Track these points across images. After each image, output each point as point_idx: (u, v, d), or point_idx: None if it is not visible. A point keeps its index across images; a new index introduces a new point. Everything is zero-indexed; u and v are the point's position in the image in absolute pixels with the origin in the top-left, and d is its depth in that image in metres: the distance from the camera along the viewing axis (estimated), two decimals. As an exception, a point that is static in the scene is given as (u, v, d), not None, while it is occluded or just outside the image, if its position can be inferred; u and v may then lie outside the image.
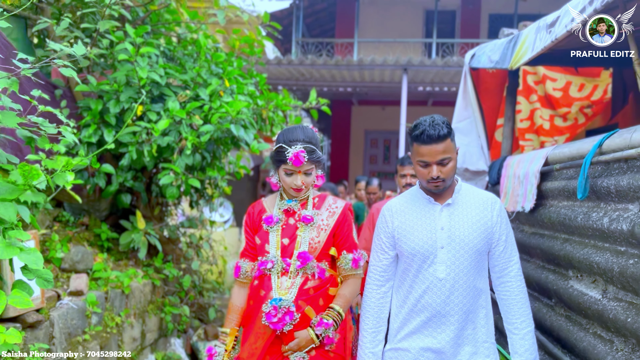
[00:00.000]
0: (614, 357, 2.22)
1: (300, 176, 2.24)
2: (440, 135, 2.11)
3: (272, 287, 2.25)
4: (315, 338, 2.21)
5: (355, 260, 2.35)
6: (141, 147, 3.62)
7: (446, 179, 2.18)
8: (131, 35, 3.73)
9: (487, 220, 2.23)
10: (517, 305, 2.24)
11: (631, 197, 2.32)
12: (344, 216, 2.36)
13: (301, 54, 13.14)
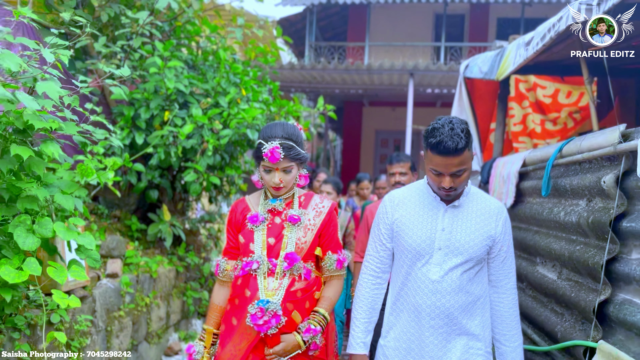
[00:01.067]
0: (563, 326, 2.68)
1: (278, 173, 2.17)
2: (458, 148, 1.94)
3: (258, 288, 2.18)
4: (302, 344, 2.16)
5: (339, 262, 2.30)
6: (168, 149, 4.13)
7: (458, 189, 2.07)
8: (160, 49, 4.25)
9: (491, 228, 2.13)
10: (510, 319, 2.19)
11: (580, 194, 2.77)
12: (330, 216, 2.30)
13: (314, 57, 13.63)
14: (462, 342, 2.11)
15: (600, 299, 2.33)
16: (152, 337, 4.43)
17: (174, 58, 4.52)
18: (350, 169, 14.56)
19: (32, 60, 2.50)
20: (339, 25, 15.88)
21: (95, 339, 3.52)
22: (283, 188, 2.23)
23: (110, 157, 3.58)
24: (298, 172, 2.27)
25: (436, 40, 13.81)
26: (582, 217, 2.64)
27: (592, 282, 2.50)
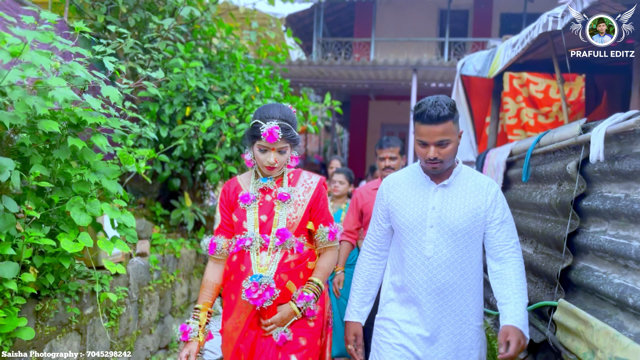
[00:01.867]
0: (535, 292, 3.11)
1: (273, 153, 2.21)
2: (440, 116, 2.06)
3: (251, 264, 2.25)
4: (297, 311, 2.22)
5: (331, 233, 2.36)
6: (190, 142, 4.59)
7: (444, 161, 2.16)
8: (181, 51, 4.69)
9: (481, 204, 2.21)
10: (515, 284, 2.16)
11: (553, 179, 3.19)
12: (319, 191, 2.36)
13: (321, 52, 14.04)
14: (455, 316, 2.19)
15: (562, 266, 2.76)
16: (176, 311, 4.90)
17: (194, 59, 4.96)
18: (356, 161, 14.98)
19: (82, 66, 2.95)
20: (346, 20, 16.25)
21: (129, 309, 3.99)
22: (276, 168, 2.27)
23: (139, 149, 4.04)
24: (290, 154, 2.31)
25: (441, 35, 14.16)
26: (552, 198, 3.07)
27: (559, 253, 2.93)
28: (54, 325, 3.09)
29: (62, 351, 3.19)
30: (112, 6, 4.73)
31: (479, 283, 2.26)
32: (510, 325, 2.08)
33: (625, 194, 2.40)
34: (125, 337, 3.96)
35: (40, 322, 2.99)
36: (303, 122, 5.33)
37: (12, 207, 2.54)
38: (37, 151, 2.78)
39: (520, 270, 2.20)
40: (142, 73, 3.15)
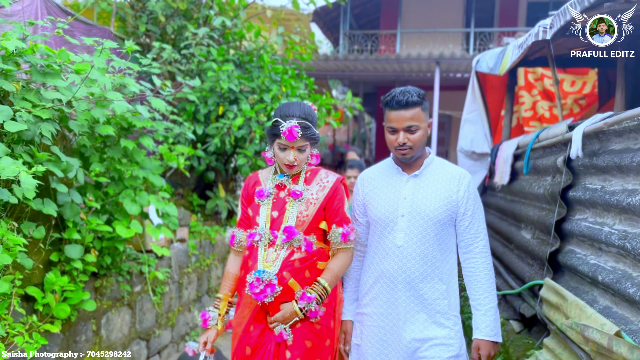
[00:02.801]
0: (530, 272, 3.47)
1: (293, 152, 2.21)
2: (408, 101, 2.11)
3: (258, 259, 2.24)
4: (298, 311, 2.18)
5: (344, 235, 2.29)
6: (223, 138, 5.05)
7: (414, 147, 2.17)
8: (214, 55, 5.15)
9: (453, 193, 2.20)
10: (482, 282, 2.20)
11: (548, 171, 3.53)
12: (335, 190, 2.32)
13: (348, 44, 14.34)
14: (427, 305, 2.18)
15: (551, 249, 3.11)
16: (212, 292, 5.41)
17: (225, 61, 5.42)
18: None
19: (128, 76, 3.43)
20: (373, 12, 16.47)
21: (171, 288, 4.50)
22: (296, 167, 2.26)
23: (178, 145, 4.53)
24: (310, 152, 2.31)
25: (467, 26, 14.28)
26: (546, 189, 3.41)
27: (551, 238, 3.28)
28: (110, 299, 3.61)
29: (116, 322, 3.71)
30: (152, 15, 5.21)
31: (452, 272, 2.25)
32: (481, 339, 2.17)
33: (601, 185, 2.74)
34: (168, 313, 4.48)
35: (99, 297, 3.51)
36: (326, 118, 5.73)
37: (77, 198, 3.04)
38: (95, 151, 3.28)
39: (489, 267, 2.23)
40: (181, 80, 3.60)
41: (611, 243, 2.47)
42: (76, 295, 3.09)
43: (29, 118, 2.50)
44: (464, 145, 6.10)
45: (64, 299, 3.03)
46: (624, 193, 2.44)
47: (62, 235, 3.06)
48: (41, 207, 2.71)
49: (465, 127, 6.10)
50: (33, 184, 2.24)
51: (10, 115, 2.38)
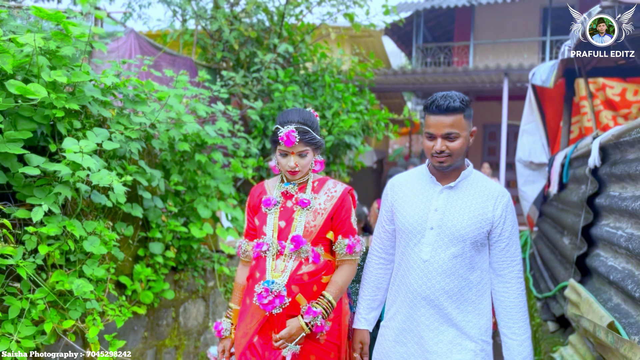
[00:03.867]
0: (565, 275, 3.67)
1: (293, 157, 2.19)
2: (449, 107, 1.98)
3: (266, 269, 2.21)
4: (305, 326, 2.13)
5: (350, 246, 2.26)
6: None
7: (452, 155, 2.02)
8: (281, 77, 5.72)
9: (488, 212, 2.06)
10: (515, 309, 2.08)
11: (581, 180, 3.72)
12: (342, 200, 2.28)
13: (421, 57, 14.60)
14: (453, 327, 2.06)
15: (578, 253, 3.32)
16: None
17: (292, 83, 5.98)
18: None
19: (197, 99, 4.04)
20: (447, 24, 16.60)
21: (241, 285, 5.07)
22: (299, 172, 2.23)
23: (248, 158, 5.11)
24: (314, 157, 2.28)
25: (543, 34, 14.06)
26: (578, 197, 3.61)
27: (578, 242, 3.48)
28: (187, 292, 4.21)
29: (192, 312, 4.31)
30: (228, 44, 5.89)
31: (482, 295, 2.10)
32: None
33: (619, 192, 2.95)
34: (239, 308, 5.05)
35: (177, 289, 4.12)
36: (384, 131, 6.12)
37: (159, 204, 3.66)
38: (174, 164, 3.90)
39: (523, 294, 2.11)
40: (247, 103, 4.17)
41: (621, 245, 2.69)
42: (158, 285, 3.70)
43: (121, 138, 3.13)
44: (522, 156, 6.24)
45: (148, 287, 3.65)
46: (633, 199, 2.65)
47: (147, 234, 3.69)
48: (130, 210, 3.34)
49: (523, 138, 6.24)
50: (123, 191, 2.85)
51: (107, 136, 3.02)
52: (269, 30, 6.16)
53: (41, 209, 2.65)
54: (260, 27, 6.16)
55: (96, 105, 3.13)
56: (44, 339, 2.71)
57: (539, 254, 5.42)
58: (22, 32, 3.24)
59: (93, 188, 3.02)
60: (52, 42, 2.93)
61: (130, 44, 4.72)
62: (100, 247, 2.94)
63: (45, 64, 2.83)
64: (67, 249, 2.82)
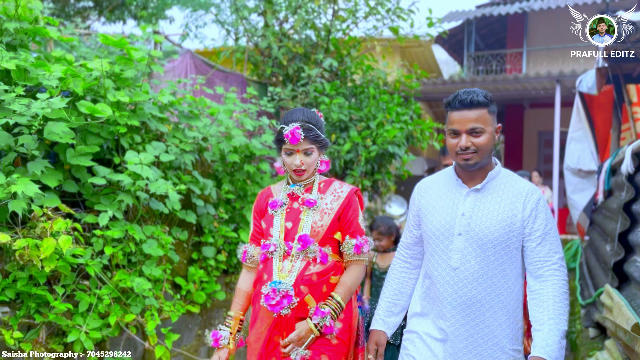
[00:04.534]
0: (605, 282, 3.68)
1: (299, 155, 2.17)
2: (472, 101, 1.92)
3: (273, 270, 2.19)
4: (314, 328, 2.10)
5: (357, 246, 2.23)
6: (334, 161, 5.82)
7: (479, 152, 1.95)
8: (327, 89, 5.97)
9: (517, 212, 1.97)
10: (548, 303, 1.92)
11: (621, 187, 3.73)
12: (349, 200, 2.26)
13: (473, 65, 14.52)
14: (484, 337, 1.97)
15: (615, 259, 3.35)
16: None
17: (338, 95, 6.21)
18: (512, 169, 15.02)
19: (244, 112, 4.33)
20: (500, 31, 16.41)
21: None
22: (305, 172, 2.22)
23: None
24: (319, 157, 2.27)
25: (600, 38, 13.67)
26: (618, 204, 3.63)
27: (615, 247, 3.50)
28: (237, 293, 4.49)
29: (243, 313, 4.58)
30: (277, 60, 6.20)
31: (515, 302, 2.01)
32: (538, 356, 1.86)
33: (653, 198, 2.98)
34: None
35: (229, 290, 4.41)
36: (429, 141, 6.25)
37: (211, 210, 3.96)
38: (225, 174, 4.20)
39: (560, 291, 1.94)
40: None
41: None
42: (210, 287, 3.99)
43: (177, 151, 3.45)
44: (570, 163, 6.19)
45: (201, 288, 3.95)
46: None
47: (200, 238, 4.00)
48: (185, 216, 3.65)
49: (572, 145, 6.19)
50: (177, 198, 3.16)
51: (163, 149, 3.34)
52: (316, 45, 6.43)
53: (107, 214, 2.99)
54: (307, 42, 6.44)
55: (154, 121, 3.47)
56: (109, 331, 3.03)
57: (586, 262, 5.37)
58: (91, 57, 3.65)
59: (151, 196, 3.35)
60: (117, 66, 3.30)
61: (186, 64, 5.10)
62: (157, 249, 3.26)
63: (111, 86, 3.19)
64: (128, 250, 3.15)
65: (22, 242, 2.60)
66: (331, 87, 6.00)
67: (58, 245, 2.65)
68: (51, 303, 2.75)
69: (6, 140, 2.71)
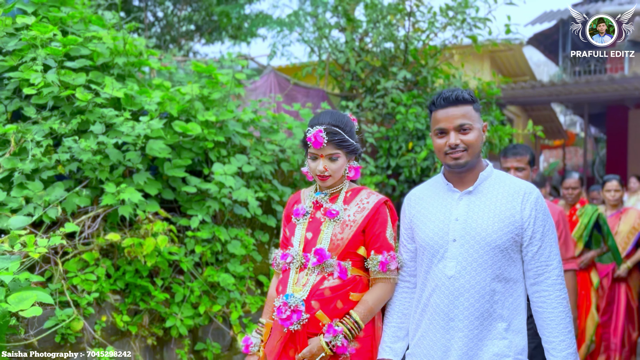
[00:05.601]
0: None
1: (322, 160, 2.06)
2: (458, 97, 1.88)
3: (288, 283, 2.10)
4: (325, 346, 1.98)
5: (383, 263, 2.05)
6: (411, 169, 6.04)
7: (468, 150, 1.88)
8: (404, 99, 6.21)
9: (516, 212, 1.87)
10: (556, 321, 1.86)
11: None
12: (376, 212, 2.09)
13: (570, 66, 13.95)
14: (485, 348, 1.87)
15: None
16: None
17: (415, 104, 6.43)
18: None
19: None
20: (600, 29, 15.57)
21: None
22: (330, 178, 2.10)
23: (373, 176, 5.66)
24: (347, 163, 2.14)
25: None
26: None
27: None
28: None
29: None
30: (356, 74, 6.55)
31: (518, 311, 1.92)
32: None
33: None
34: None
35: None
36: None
37: (290, 216, 4.37)
38: (304, 182, 4.59)
39: (564, 302, 1.87)
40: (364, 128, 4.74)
41: None
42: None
43: (257, 162, 3.89)
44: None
45: (282, 286, 4.36)
46: None
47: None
48: (266, 220, 4.07)
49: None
50: (256, 205, 3.59)
51: (246, 161, 3.80)
52: (394, 57, 6.70)
53: (197, 218, 3.48)
54: (385, 55, 6.72)
55: (238, 137, 3.94)
56: (200, 319, 3.51)
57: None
58: (186, 81, 4.21)
59: (235, 202, 3.81)
60: (205, 89, 3.81)
61: (270, 82, 5.59)
62: (241, 249, 3.70)
63: (200, 107, 3.70)
64: (216, 249, 3.62)
65: (129, 240, 3.14)
66: (408, 97, 6.23)
67: (157, 244, 3.16)
68: (152, 293, 3.27)
69: (117, 157, 3.28)
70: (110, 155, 3.23)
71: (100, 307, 3.17)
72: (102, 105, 3.39)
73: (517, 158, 3.18)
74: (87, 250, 3.15)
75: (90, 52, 3.58)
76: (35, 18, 3.61)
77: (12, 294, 2.56)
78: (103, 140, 3.15)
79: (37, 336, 2.80)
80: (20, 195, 3.05)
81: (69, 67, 3.44)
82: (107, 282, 3.18)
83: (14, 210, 3.03)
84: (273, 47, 7.58)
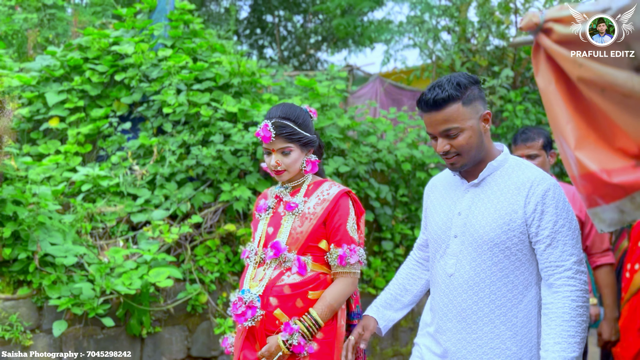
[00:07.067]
0: None
1: (274, 155, 1.99)
2: (437, 100, 1.68)
3: (245, 278, 2.05)
4: (282, 345, 1.91)
5: (341, 257, 1.97)
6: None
7: (462, 154, 1.72)
8: (512, 97, 6.27)
9: (519, 208, 1.70)
10: (558, 320, 1.64)
11: None
12: (336, 204, 2.00)
13: None
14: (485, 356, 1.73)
15: None
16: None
17: (525, 101, 6.44)
18: None
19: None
20: None
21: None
22: (284, 172, 2.02)
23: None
24: (305, 157, 2.05)
25: None
26: None
27: None
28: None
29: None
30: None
31: (526, 316, 1.74)
32: None
33: None
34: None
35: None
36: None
37: (388, 211, 4.77)
38: (402, 180, 4.97)
39: (572, 305, 1.64)
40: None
41: None
42: (389, 275, 4.77)
43: (353, 163, 4.36)
44: None
45: (382, 275, 4.77)
46: None
47: (380, 234, 4.83)
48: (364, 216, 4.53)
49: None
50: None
51: (342, 162, 4.29)
52: (503, 55, 6.75)
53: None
54: (495, 54, 6.80)
55: (337, 141, 4.45)
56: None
57: None
58: (294, 94, 4.83)
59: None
60: (307, 100, 4.38)
61: (376, 88, 6.02)
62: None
63: (302, 117, 4.27)
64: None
65: (242, 230, 3.80)
66: (516, 95, 6.26)
67: (264, 233, 3.78)
68: (262, 274, 3.90)
69: (233, 161, 3.97)
70: (227, 160, 3.93)
71: (222, 285, 3.86)
72: (222, 119, 4.11)
73: (527, 144, 2.83)
74: (210, 238, 3.87)
75: (214, 74, 4.34)
76: (172, 50, 4.47)
77: (152, 269, 3.34)
78: (221, 148, 3.86)
79: (173, 304, 3.55)
80: (160, 193, 3.87)
81: (196, 88, 4.23)
82: (227, 264, 3.87)
83: (156, 205, 3.86)
84: (386, 52, 7.97)
